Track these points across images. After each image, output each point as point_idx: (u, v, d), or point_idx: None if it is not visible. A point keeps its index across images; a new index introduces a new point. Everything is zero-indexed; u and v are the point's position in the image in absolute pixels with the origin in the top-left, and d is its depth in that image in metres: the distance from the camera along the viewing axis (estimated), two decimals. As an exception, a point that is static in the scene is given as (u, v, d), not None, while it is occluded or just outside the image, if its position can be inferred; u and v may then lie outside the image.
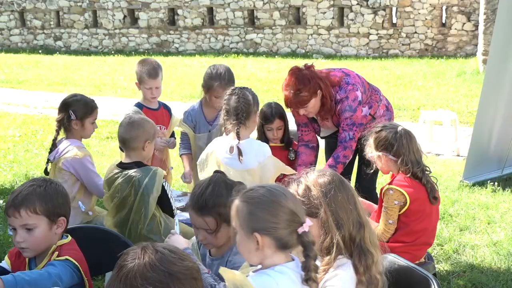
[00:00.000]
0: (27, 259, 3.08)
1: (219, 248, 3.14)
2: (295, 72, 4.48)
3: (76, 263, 2.99)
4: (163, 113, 5.30)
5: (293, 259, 2.53)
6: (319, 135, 4.99)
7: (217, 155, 4.15)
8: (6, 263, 3.17)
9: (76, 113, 4.63)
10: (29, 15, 21.66)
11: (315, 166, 4.70)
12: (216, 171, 3.28)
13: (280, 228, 2.46)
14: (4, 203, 6.76)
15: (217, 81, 4.92)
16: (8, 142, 9.62)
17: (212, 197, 3.04)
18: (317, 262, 2.57)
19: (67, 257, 2.99)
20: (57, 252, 3.01)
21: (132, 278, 2.15)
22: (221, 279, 2.90)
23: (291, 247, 2.50)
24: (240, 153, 4.03)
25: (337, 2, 17.95)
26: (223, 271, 2.45)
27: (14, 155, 8.86)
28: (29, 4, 21.49)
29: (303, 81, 4.41)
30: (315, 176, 2.83)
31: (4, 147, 9.31)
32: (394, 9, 17.54)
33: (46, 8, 21.37)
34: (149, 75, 5.08)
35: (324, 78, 4.48)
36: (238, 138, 4.10)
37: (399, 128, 3.85)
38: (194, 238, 3.27)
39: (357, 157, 4.89)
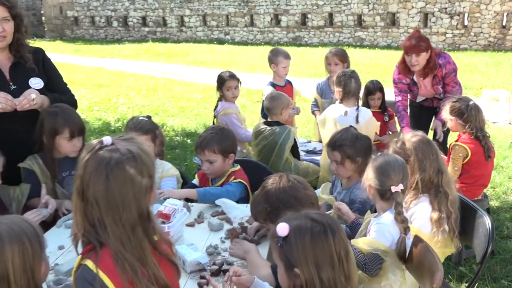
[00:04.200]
0: (210, 179, 3.20)
1: (348, 180, 3.09)
2: (418, 31, 4.51)
3: (245, 183, 3.09)
4: (288, 88, 5.20)
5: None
6: (415, 100, 4.79)
7: (334, 116, 4.09)
8: (196, 181, 3.30)
9: (218, 82, 4.73)
10: (209, 17, 22.15)
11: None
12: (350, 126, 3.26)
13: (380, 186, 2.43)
14: (191, 142, 7.07)
15: (330, 53, 5.01)
16: (193, 102, 10.00)
17: (339, 138, 3.04)
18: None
19: (240, 180, 3.09)
20: (233, 176, 3.10)
21: (269, 196, 2.21)
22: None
23: (388, 199, 2.42)
24: (357, 119, 3.96)
25: (423, 9, 16.96)
26: (355, 242, 2.39)
27: (198, 110, 9.21)
28: (209, 10, 21.97)
29: (422, 37, 4.37)
30: (410, 136, 2.83)
31: (191, 105, 9.69)
32: (466, 14, 16.34)
33: (220, 13, 21.75)
34: (286, 57, 5.05)
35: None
36: (358, 108, 4.05)
37: (471, 102, 3.65)
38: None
39: (433, 119, 4.64)
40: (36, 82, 3.02)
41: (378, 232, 2.38)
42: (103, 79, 13.09)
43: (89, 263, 1.50)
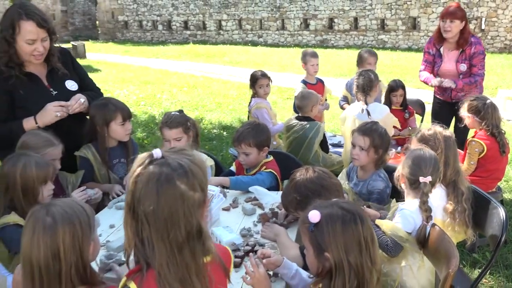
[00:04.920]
0: (245, 168, 3.19)
1: (364, 172, 3.04)
2: (457, 3, 4.48)
3: (275, 173, 3.07)
4: (319, 85, 5.20)
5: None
6: (434, 77, 4.62)
7: (353, 113, 4.04)
8: (233, 168, 3.31)
9: (251, 80, 4.77)
10: (244, 22, 22.13)
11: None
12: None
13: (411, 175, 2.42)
14: (226, 134, 7.10)
15: (366, 54, 5.01)
16: (229, 98, 10.00)
17: (371, 127, 3.00)
18: None
19: (270, 170, 3.07)
20: (265, 166, 3.09)
21: (298, 187, 2.19)
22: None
23: (416, 188, 2.40)
24: (368, 113, 3.90)
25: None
26: (379, 223, 2.37)
27: (233, 106, 9.21)
28: (244, 15, 21.94)
29: (460, 8, 4.34)
30: (441, 129, 2.82)
31: (227, 101, 9.70)
32: (483, 19, 15.83)
33: (254, 17, 21.70)
34: (312, 55, 5.11)
35: None
36: (366, 103, 3.97)
37: (488, 101, 3.54)
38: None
39: (453, 117, 4.52)
40: (72, 84, 3.02)
41: (402, 217, 2.36)
42: (149, 77, 13.26)
43: (133, 286, 1.37)
